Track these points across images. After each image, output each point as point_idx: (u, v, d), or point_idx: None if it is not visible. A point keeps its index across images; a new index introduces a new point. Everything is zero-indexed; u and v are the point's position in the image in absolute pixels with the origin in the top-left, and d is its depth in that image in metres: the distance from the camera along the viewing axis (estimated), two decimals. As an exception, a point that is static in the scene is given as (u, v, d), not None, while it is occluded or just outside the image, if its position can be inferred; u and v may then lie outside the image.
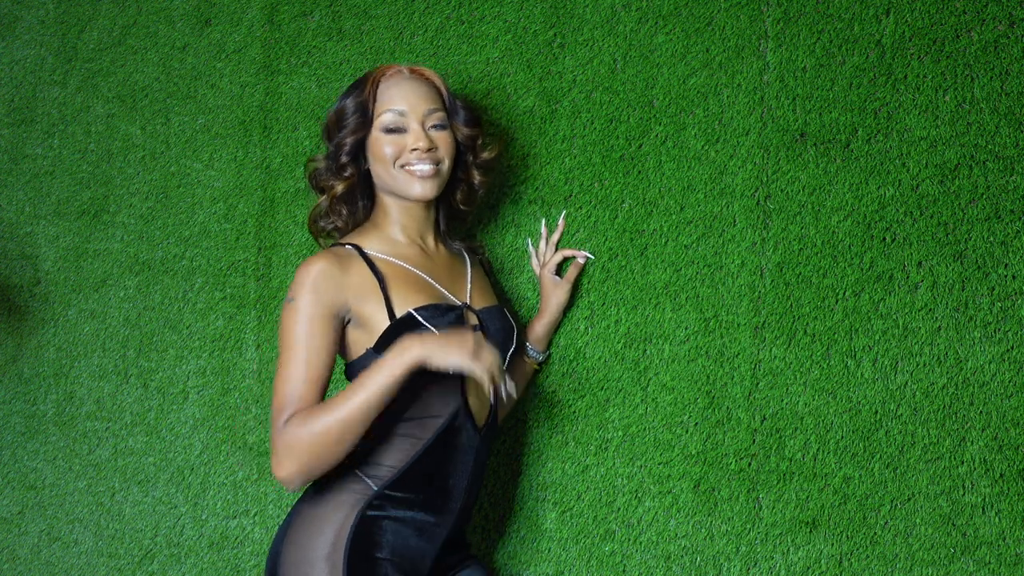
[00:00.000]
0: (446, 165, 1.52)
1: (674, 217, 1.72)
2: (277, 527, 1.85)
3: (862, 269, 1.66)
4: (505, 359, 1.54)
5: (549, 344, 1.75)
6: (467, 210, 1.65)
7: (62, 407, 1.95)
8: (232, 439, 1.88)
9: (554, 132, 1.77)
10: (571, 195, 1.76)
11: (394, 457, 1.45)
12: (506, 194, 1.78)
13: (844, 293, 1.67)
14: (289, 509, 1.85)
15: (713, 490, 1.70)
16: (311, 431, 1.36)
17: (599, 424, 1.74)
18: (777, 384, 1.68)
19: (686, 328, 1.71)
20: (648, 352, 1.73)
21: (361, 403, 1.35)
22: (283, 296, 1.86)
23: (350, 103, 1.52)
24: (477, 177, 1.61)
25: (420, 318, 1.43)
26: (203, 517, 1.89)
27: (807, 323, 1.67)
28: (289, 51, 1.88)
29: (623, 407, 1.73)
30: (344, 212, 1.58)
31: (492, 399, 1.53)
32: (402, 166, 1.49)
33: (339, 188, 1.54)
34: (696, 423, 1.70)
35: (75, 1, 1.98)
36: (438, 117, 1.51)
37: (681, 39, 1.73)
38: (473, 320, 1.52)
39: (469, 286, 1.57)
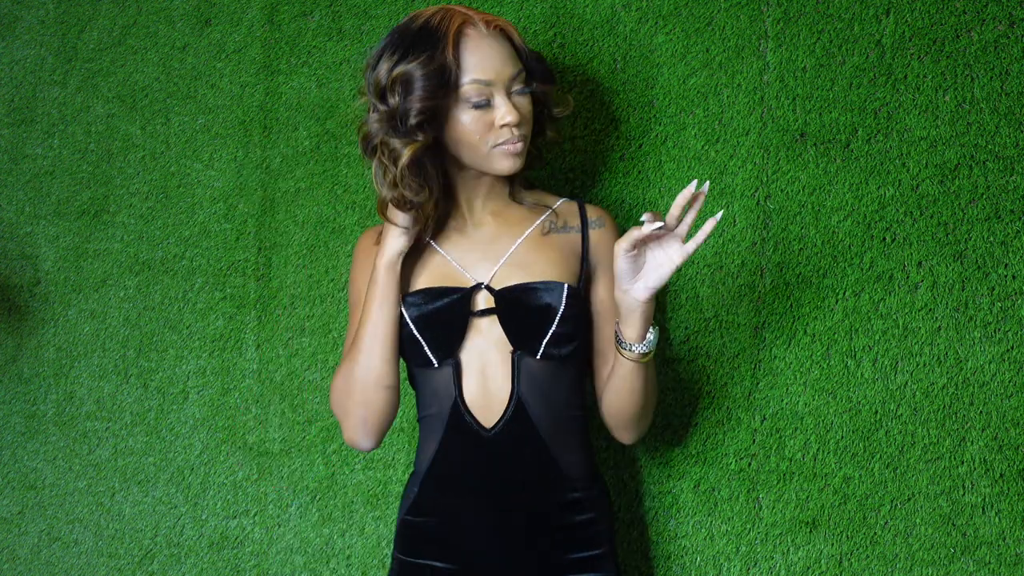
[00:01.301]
0: (530, 134, 1.39)
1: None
2: (277, 527, 1.85)
3: (862, 269, 1.66)
4: (539, 346, 1.36)
5: (645, 333, 1.35)
6: (540, 165, 1.53)
7: (62, 407, 1.95)
8: (232, 439, 1.88)
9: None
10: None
11: (420, 456, 1.44)
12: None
13: (844, 293, 1.67)
14: (289, 510, 1.86)
15: (713, 490, 1.70)
16: (337, 381, 1.41)
17: (599, 424, 1.74)
18: (777, 384, 1.68)
19: (686, 328, 1.71)
20: (648, 352, 1.72)
21: (362, 334, 1.37)
22: (283, 296, 1.86)
23: (420, 67, 1.30)
24: (550, 133, 1.46)
25: (403, 305, 1.39)
26: (203, 517, 1.89)
27: (807, 323, 1.67)
28: (289, 51, 1.88)
29: (623, 407, 1.73)
30: (414, 185, 1.35)
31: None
32: (494, 144, 1.35)
33: (406, 155, 1.32)
34: (696, 423, 1.70)
35: (75, 1, 1.98)
36: (523, 79, 1.36)
37: (681, 39, 1.73)
38: (481, 304, 1.38)
39: (504, 260, 1.41)
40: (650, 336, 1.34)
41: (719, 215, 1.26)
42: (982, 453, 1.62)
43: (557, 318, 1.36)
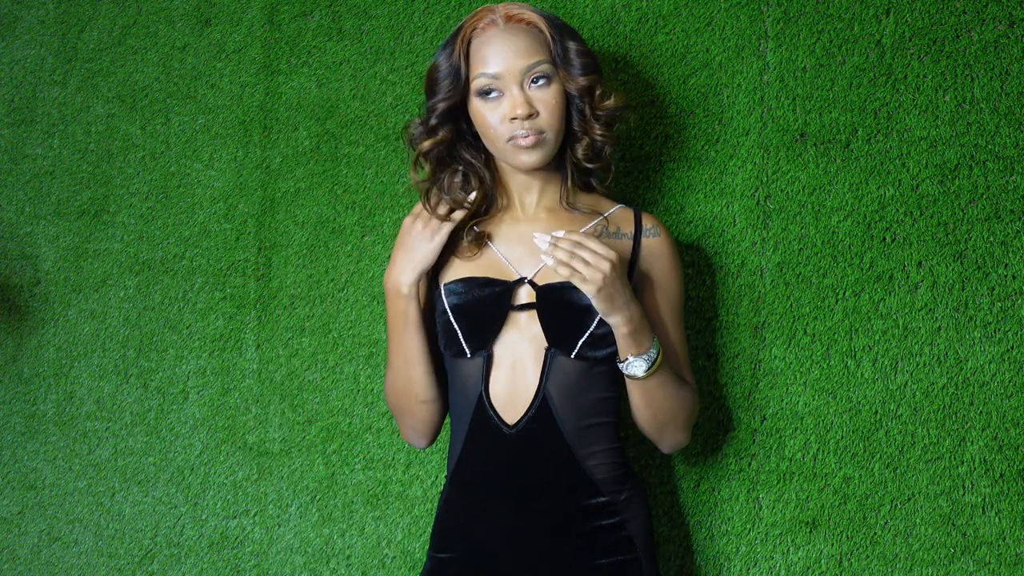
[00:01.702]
0: (553, 128, 1.36)
1: (674, 217, 1.72)
2: (277, 527, 1.85)
3: (862, 269, 1.66)
4: (575, 345, 1.35)
5: (625, 353, 1.36)
6: (597, 167, 1.45)
7: (62, 407, 1.95)
8: (232, 439, 1.88)
9: (554, 132, 1.77)
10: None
11: (451, 453, 1.43)
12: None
13: (844, 293, 1.67)
14: (289, 510, 1.86)
15: (713, 490, 1.70)
16: (385, 387, 1.50)
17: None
18: (777, 384, 1.68)
19: (686, 328, 1.71)
20: (648, 352, 1.72)
21: (393, 358, 1.44)
22: (283, 296, 1.86)
23: (443, 63, 1.37)
24: (598, 130, 1.40)
25: (444, 292, 1.41)
26: (203, 517, 1.89)
27: (807, 323, 1.67)
28: (289, 51, 1.88)
29: (623, 407, 1.73)
30: (431, 172, 1.43)
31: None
32: (507, 138, 1.35)
33: (425, 145, 1.39)
34: (696, 423, 1.70)
35: (75, 1, 1.98)
36: (541, 70, 1.34)
37: (681, 39, 1.73)
38: (523, 299, 1.38)
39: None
40: (630, 358, 1.35)
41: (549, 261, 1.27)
42: (982, 453, 1.62)
43: (597, 319, 1.35)
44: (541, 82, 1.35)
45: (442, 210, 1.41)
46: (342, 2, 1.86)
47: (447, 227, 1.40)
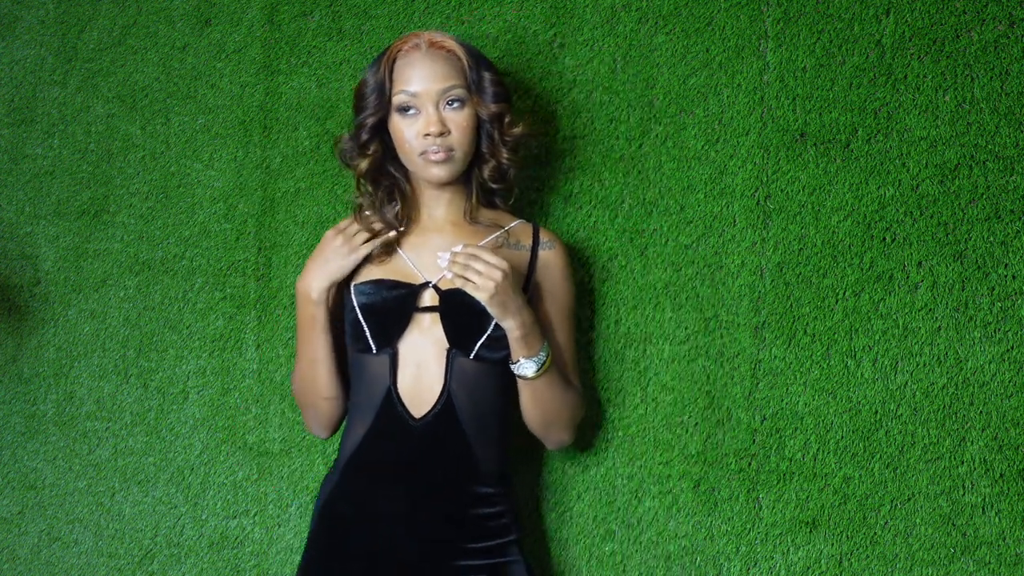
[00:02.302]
0: (463, 148, 1.48)
1: (674, 217, 1.72)
2: (277, 527, 1.85)
3: (862, 269, 1.66)
4: (473, 347, 1.47)
5: (517, 355, 1.47)
6: (501, 187, 1.58)
7: (62, 407, 1.95)
8: (232, 439, 1.88)
9: (554, 132, 1.77)
10: (571, 195, 1.76)
11: (346, 443, 1.53)
12: (506, 194, 1.79)
13: (844, 293, 1.67)
14: (289, 510, 1.86)
15: (713, 490, 1.70)
16: (292, 381, 1.62)
17: (599, 424, 1.74)
18: (777, 384, 1.68)
19: (686, 328, 1.71)
20: (648, 352, 1.73)
21: (301, 357, 1.55)
22: (283, 296, 1.86)
23: (370, 79, 1.50)
24: (505, 155, 1.53)
25: (354, 292, 1.51)
26: (203, 517, 1.89)
27: (807, 323, 1.67)
28: (289, 51, 1.88)
29: (623, 407, 1.73)
30: (369, 190, 1.55)
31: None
32: (420, 153, 1.47)
33: (363, 165, 1.53)
34: (696, 423, 1.70)
35: (75, 1, 1.98)
36: (455, 94, 1.47)
37: (681, 39, 1.73)
38: (427, 301, 1.49)
39: None
40: (521, 359, 1.46)
41: (444, 257, 1.40)
42: (982, 453, 1.62)
43: (493, 323, 1.47)
44: (455, 105, 1.47)
45: (377, 227, 1.53)
46: (342, 2, 1.86)
47: (365, 249, 1.51)
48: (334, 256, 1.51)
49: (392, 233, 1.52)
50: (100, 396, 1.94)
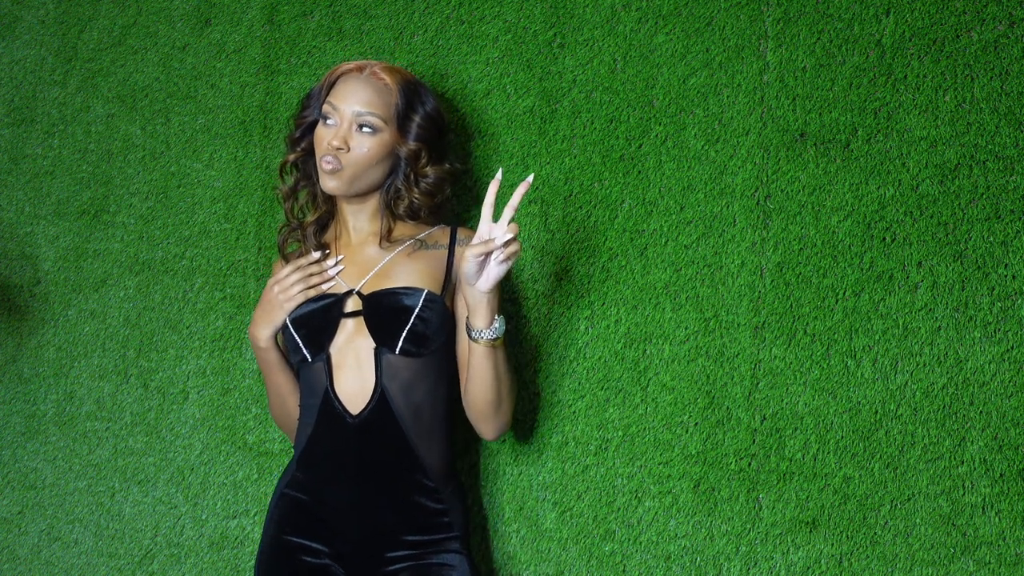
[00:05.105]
0: (355, 168, 1.55)
1: (674, 217, 1.72)
2: (277, 527, 1.85)
3: (862, 269, 1.66)
4: (397, 342, 1.54)
5: (491, 320, 1.50)
6: (414, 216, 1.65)
7: (62, 407, 1.95)
8: (232, 439, 1.88)
9: (554, 132, 1.77)
10: (571, 195, 1.76)
11: (298, 440, 1.62)
12: (506, 193, 1.78)
13: (844, 293, 1.67)
14: (289, 509, 1.86)
15: (713, 490, 1.70)
16: (270, 410, 1.72)
17: (599, 424, 1.74)
18: (777, 384, 1.68)
19: (686, 328, 1.71)
20: (648, 352, 1.73)
21: (269, 391, 1.67)
22: (283, 296, 1.86)
23: (315, 89, 1.62)
24: (416, 193, 1.61)
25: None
26: (203, 517, 1.89)
27: (807, 323, 1.67)
28: (289, 51, 1.88)
29: (623, 407, 1.73)
30: (290, 183, 1.65)
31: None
32: (321, 158, 1.56)
33: (291, 157, 1.63)
34: (696, 423, 1.70)
35: (75, 1, 1.98)
36: (369, 120, 1.55)
37: (681, 39, 1.73)
38: (351, 307, 1.58)
39: (374, 272, 1.60)
40: (496, 323, 1.50)
41: (530, 178, 1.42)
42: (982, 453, 1.62)
43: (412, 317, 1.55)
44: (366, 130, 1.55)
45: (313, 251, 1.63)
46: (342, 2, 1.86)
47: (301, 297, 1.60)
48: (272, 306, 1.61)
49: (326, 276, 1.61)
50: (100, 396, 1.94)
